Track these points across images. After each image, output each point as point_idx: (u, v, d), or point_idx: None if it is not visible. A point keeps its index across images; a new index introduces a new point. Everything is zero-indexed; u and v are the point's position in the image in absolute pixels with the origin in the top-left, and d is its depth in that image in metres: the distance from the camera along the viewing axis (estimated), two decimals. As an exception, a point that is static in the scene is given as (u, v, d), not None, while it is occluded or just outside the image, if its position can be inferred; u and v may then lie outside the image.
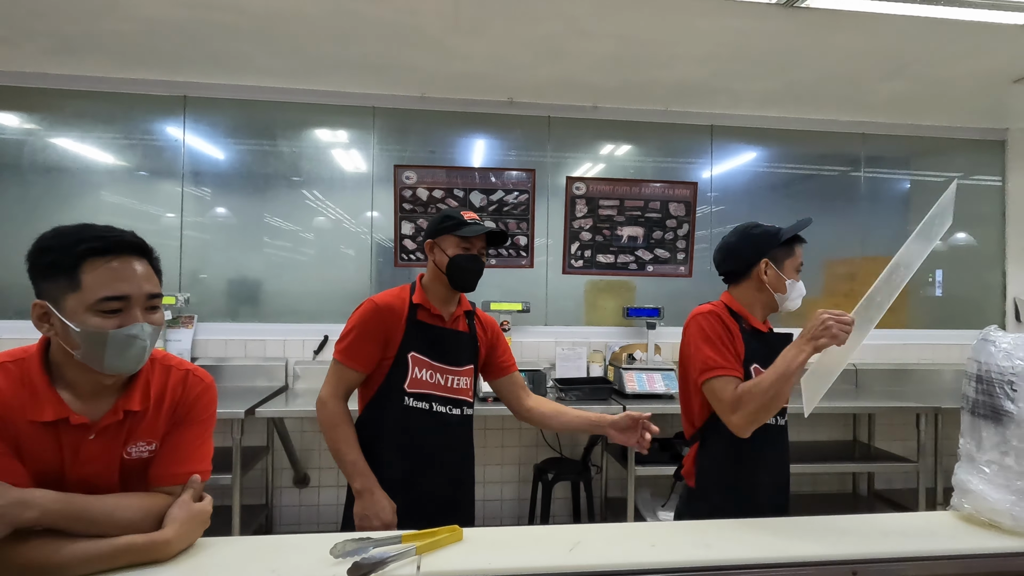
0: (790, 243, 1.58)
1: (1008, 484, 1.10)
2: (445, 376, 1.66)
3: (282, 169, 3.29)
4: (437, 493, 1.65)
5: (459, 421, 1.69)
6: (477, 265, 1.67)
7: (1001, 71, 2.90)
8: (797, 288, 1.57)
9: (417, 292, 1.67)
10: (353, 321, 1.60)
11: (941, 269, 3.85)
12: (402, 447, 1.61)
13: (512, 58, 2.82)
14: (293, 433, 3.16)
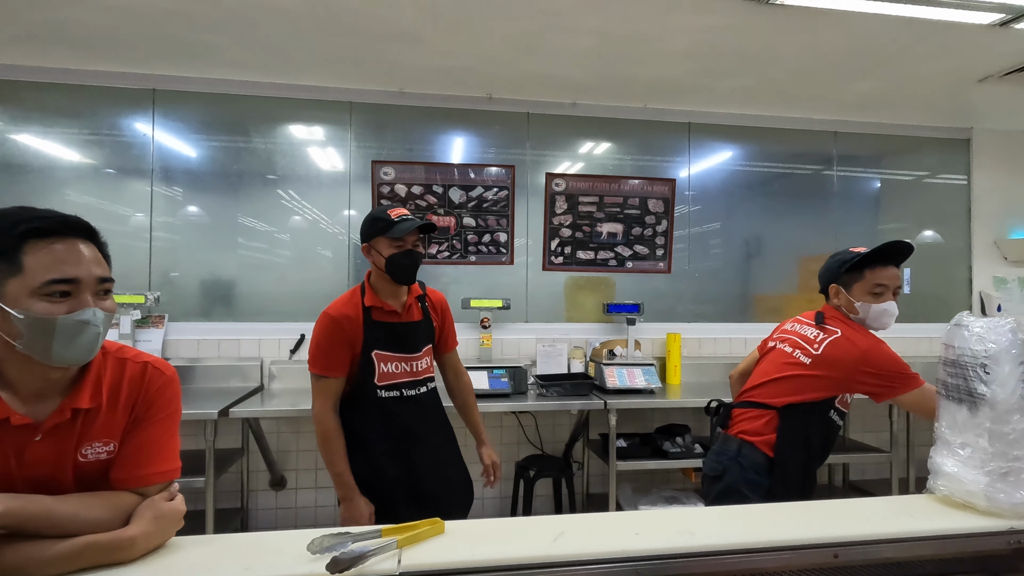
0: (859, 268, 1.74)
1: (982, 465, 1.12)
2: (409, 363, 1.88)
3: (256, 166, 3.22)
4: (426, 464, 1.87)
5: (427, 396, 1.94)
6: (412, 259, 1.82)
7: (966, 71, 2.99)
8: (872, 310, 1.73)
9: (368, 294, 1.84)
10: (316, 336, 1.79)
11: (909, 268, 3.95)
12: (384, 431, 1.82)
13: (491, 53, 2.81)
14: (269, 434, 3.09)
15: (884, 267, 1.73)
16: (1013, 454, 1.10)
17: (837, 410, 1.77)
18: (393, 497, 1.82)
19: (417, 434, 1.86)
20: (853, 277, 1.75)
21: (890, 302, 1.73)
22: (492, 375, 2.90)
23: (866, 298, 1.73)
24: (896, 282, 1.73)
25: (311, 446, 3.16)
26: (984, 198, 3.91)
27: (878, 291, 1.72)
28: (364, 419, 1.82)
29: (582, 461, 3.37)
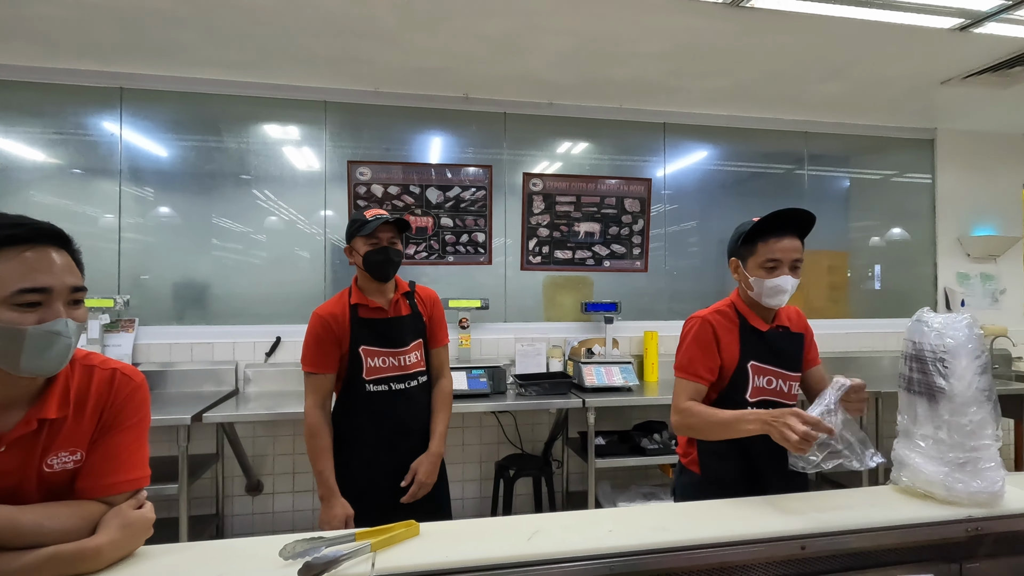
0: (752, 241, 1.54)
1: (941, 456, 1.17)
2: (397, 357, 1.92)
3: (229, 166, 3.17)
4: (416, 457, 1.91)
5: (417, 390, 1.97)
6: (386, 255, 1.87)
7: (929, 74, 3.08)
8: (765, 286, 1.51)
9: (354, 293, 1.92)
10: (307, 335, 1.87)
11: (879, 264, 4.06)
12: (373, 424, 1.88)
13: (468, 53, 2.81)
14: (245, 439, 3.05)
15: (778, 238, 1.51)
16: (970, 445, 1.14)
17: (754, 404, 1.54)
18: (382, 488, 1.88)
19: (407, 427, 1.92)
20: (748, 250, 1.56)
21: (783, 277, 1.49)
22: (471, 375, 2.90)
23: (759, 273, 1.52)
24: (793, 255, 1.50)
25: (288, 450, 3.12)
26: (948, 197, 4.03)
27: (771, 265, 1.50)
28: (355, 413, 1.90)
29: (562, 459, 3.39)
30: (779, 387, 1.57)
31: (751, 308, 1.60)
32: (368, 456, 1.89)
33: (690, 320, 1.60)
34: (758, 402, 1.54)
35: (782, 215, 1.50)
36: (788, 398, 1.57)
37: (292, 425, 3.11)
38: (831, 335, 3.79)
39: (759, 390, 1.55)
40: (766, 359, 1.56)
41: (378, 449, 1.89)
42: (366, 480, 1.88)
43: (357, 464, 1.89)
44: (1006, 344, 3.92)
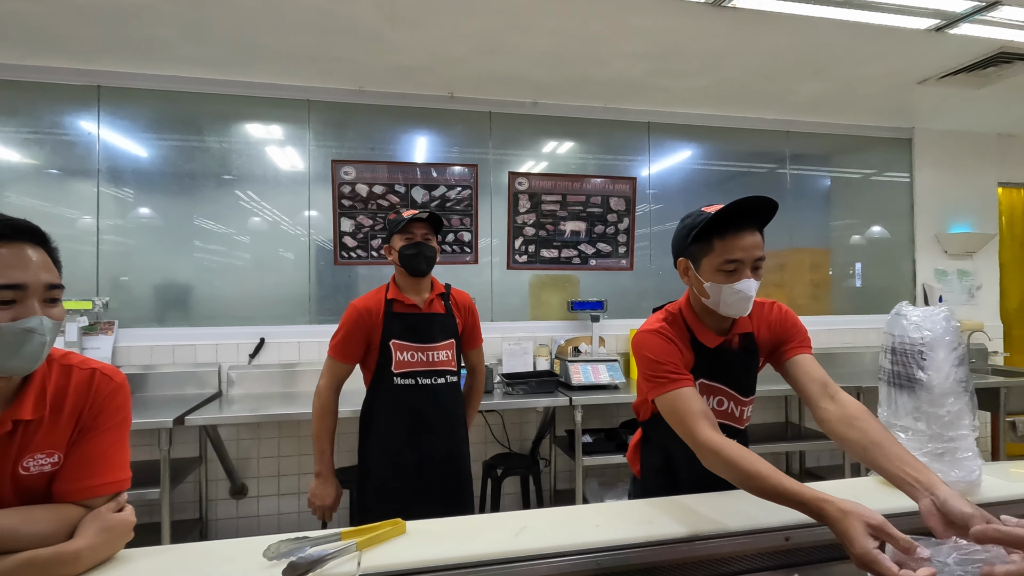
0: (707, 238, 1.23)
1: (921, 447, 1.19)
2: (426, 353, 1.97)
3: (211, 166, 3.12)
4: (437, 452, 1.96)
5: (444, 389, 2.00)
6: (419, 249, 1.94)
7: (906, 73, 3.14)
8: (724, 292, 1.21)
9: (391, 289, 1.99)
10: (341, 323, 1.94)
11: (860, 262, 4.13)
12: (398, 416, 1.94)
13: (451, 52, 2.80)
14: (229, 441, 3.01)
15: (737, 234, 1.20)
16: (948, 435, 1.16)
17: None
18: (403, 482, 1.93)
19: (429, 421, 1.96)
20: (702, 248, 1.24)
21: (745, 281, 1.19)
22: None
23: (716, 276, 1.22)
24: (755, 252, 1.20)
25: (272, 452, 3.09)
26: (926, 195, 4.11)
27: (730, 267, 1.20)
28: (383, 405, 1.96)
29: (549, 458, 3.39)
30: (730, 409, 1.37)
31: (701, 319, 1.32)
32: (392, 447, 1.94)
33: (642, 335, 1.30)
34: None
35: (743, 205, 1.19)
36: (739, 423, 1.39)
37: (277, 427, 3.07)
38: (813, 332, 3.80)
39: None
40: (717, 377, 1.34)
41: (402, 441, 1.94)
42: (390, 470, 1.94)
43: (381, 454, 1.96)
44: (982, 339, 4.01)
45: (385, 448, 1.94)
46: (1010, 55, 2.87)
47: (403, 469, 1.93)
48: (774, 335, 1.36)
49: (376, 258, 3.24)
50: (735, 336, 1.35)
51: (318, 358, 3.16)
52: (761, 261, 1.23)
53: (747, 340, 1.36)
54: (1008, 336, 4.25)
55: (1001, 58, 2.90)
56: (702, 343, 1.31)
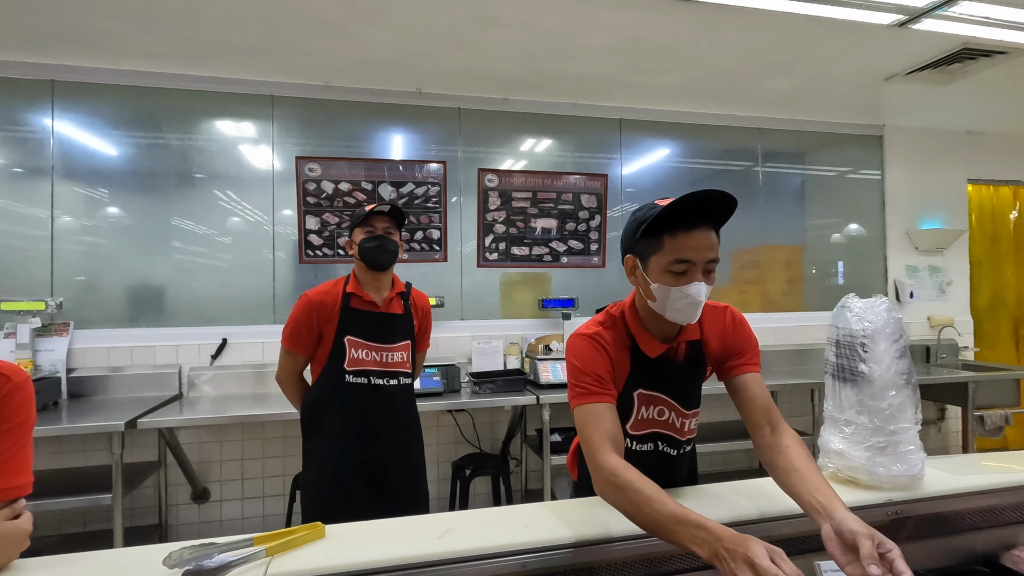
0: (657, 233, 1.10)
1: (863, 441, 1.16)
2: (381, 353, 1.91)
3: (171, 163, 3.05)
4: (388, 455, 1.90)
5: (397, 390, 1.95)
6: (380, 242, 1.88)
7: (873, 70, 3.14)
8: (671, 296, 1.10)
9: (351, 282, 1.92)
10: (292, 313, 1.89)
11: (833, 259, 4.14)
12: (348, 416, 1.87)
13: (416, 46, 2.76)
14: (190, 444, 2.93)
15: (689, 231, 1.07)
16: (889, 428, 1.14)
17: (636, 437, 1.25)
18: (350, 484, 1.87)
19: (381, 423, 1.91)
20: (650, 245, 1.12)
21: (696, 284, 1.08)
22: (424, 374, 2.85)
23: (663, 278, 1.10)
24: (707, 254, 1.08)
25: (236, 455, 3.02)
26: (897, 191, 4.13)
27: (680, 268, 1.08)
28: (331, 402, 1.89)
29: (520, 457, 3.35)
30: (671, 420, 1.25)
31: (645, 323, 1.21)
32: (340, 448, 1.88)
33: (575, 339, 1.20)
34: (643, 435, 1.25)
35: (698, 200, 1.05)
36: (680, 434, 1.27)
37: (240, 429, 3.01)
38: (786, 328, 3.84)
39: (645, 422, 1.24)
40: (658, 387, 1.23)
41: (351, 442, 1.88)
42: (338, 473, 1.87)
43: (328, 455, 1.89)
44: (952, 334, 4.04)
45: (332, 449, 1.88)
46: (974, 51, 2.88)
47: (351, 472, 1.86)
48: (725, 346, 1.25)
49: (343, 256, 3.19)
50: (681, 343, 1.23)
51: (283, 358, 3.10)
52: (714, 263, 1.11)
53: (694, 349, 1.24)
54: (978, 331, 4.29)
55: (965, 54, 2.91)
56: (643, 352, 1.20)
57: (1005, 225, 4.49)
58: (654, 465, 1.24)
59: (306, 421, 1.94)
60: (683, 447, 1.29)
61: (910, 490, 1.15)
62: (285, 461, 3.07)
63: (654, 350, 1.20)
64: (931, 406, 4.12)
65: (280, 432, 3.07)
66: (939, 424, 4.14)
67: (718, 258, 1.11)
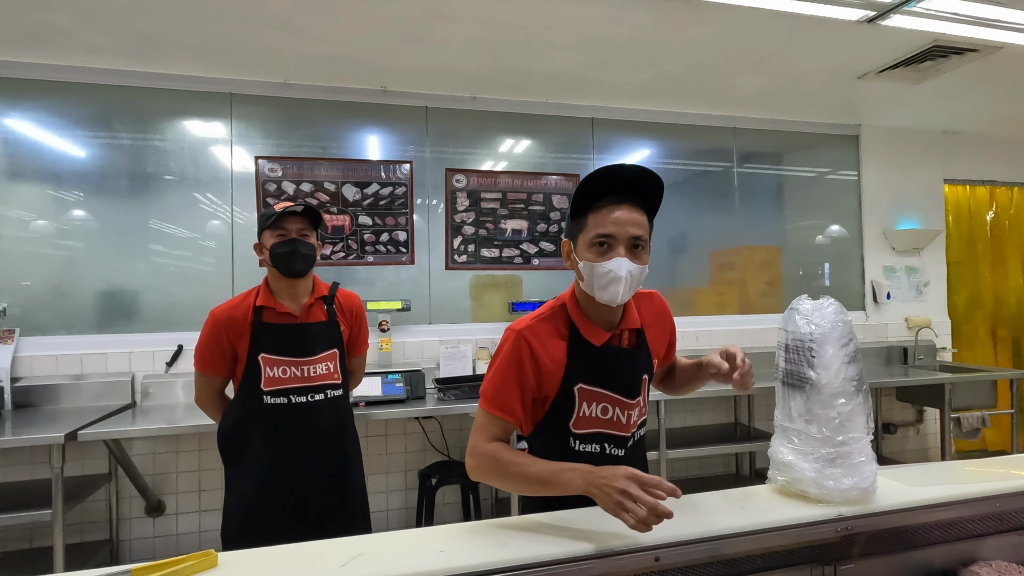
0: (582, 212, 1.13)
1: (812, 452, 1.09)
2: (301, 368, 1.75)
3: (122, 162, 2.94)
4: (316, 477, 1.74)
5: (325, 405, 1.79)
6: (293, 246, 1.71)
7: (845, 68, 3.10)
8: (596, 272, 1.09)
9: (262, 294, 1.75)
10: (201, 333, 1.75)
11: (812, 260, 4.09)
12: (268, 440, 1.72)
13: (376, 42, 2.67)
14: (144, 455, 2.82)
15: (612, 207, 1.09)
16: (838, 439, 1.07)
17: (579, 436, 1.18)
18: (275, 510, 1.72)
19: (306, 443, 1.75)
20: (578, 224, 1.14)
21: (616, 259, 1.08)
22: (386, 380, 2.76)
23: (587, 255, 1.11)
24: (631, 229, 1.09)
25: (193, 466, 2.90)
26: (873, 192, 4.10)
27: (600, 241, 1.09)
28: (249, 426, 1.74)
29: (490, 465, 3.26)
30: (616, 416, 1.20)
31: (585, 311, 1.18)
32: (260, 473, 1.74)
33: (506, 334, 1.17)
34: (587, 435, 1.18)
35: (617, 174, 1.09)
36: (625, 429, 1.21)
37: (198, 439, 2.90)
38: (763, 329, 3.79)
39: (588, 420, 1.18)
40: (600, 381, 1.17)
41: (272, 466, 1.73)
42: (259, 502, 1.72)
43: (248, 483, 1.74)
44: (930, 335, 4.01)
45: (253, 476, 1.73)
46: (945, 48, 2.84)
47: (274, 500, 1.71)
48: (662, 333, 1.28)
49: (305, 259, 3.08)
50: (624, 331, 1.21)
51: (242, 365, 2.99)
52: (641, 241, 1.11)
53: (638, 337, 1.23)
54: (956, 332, 4.26)
55: (936, 51, 2.88)
56: (586, 340, 1.17)
57: (982, 226, 4.48)
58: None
59: (224, 448, 1.79)
60: (630, 442, 1.24)
61: (862, 504, 1.08)
62: (244, 472, 2.96)
63: (598, 338, 1.18)
64: (909, 408, 4.08)
65: (239, 441, 2.96)
66: (917, 426, 4.10)
67: (644, 237, 1.12)
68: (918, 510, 1.10)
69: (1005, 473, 1.29)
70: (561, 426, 1.18)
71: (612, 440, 1.21)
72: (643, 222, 1.12)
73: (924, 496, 1.11)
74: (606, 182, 1.11)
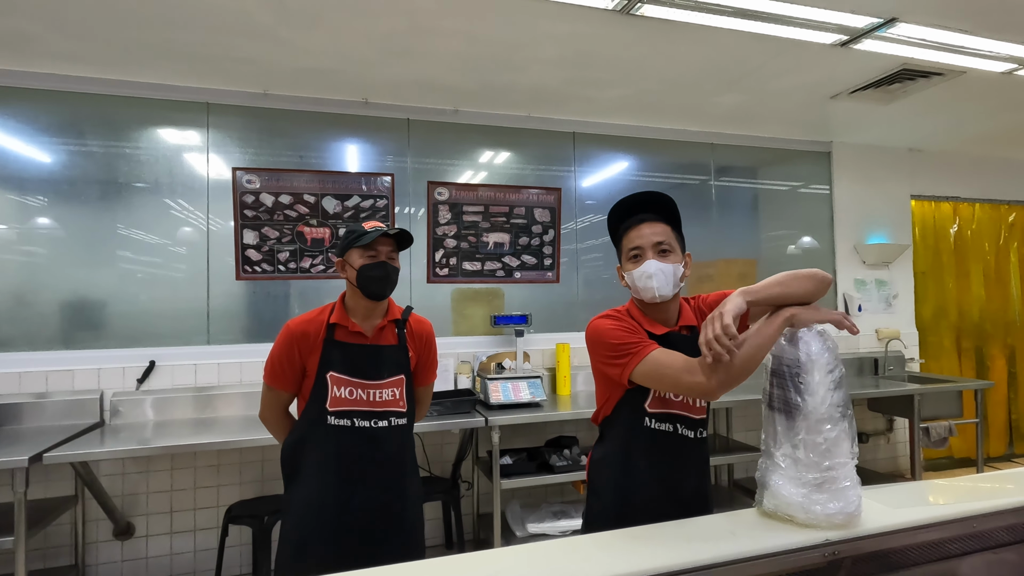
0: (619, 237, 1.46)
1: (799, 477, 1.11)
2: (367, 391, 1.68)
3: (93, 172, 2.85)
4: (369, 505, 1.66)
5: (387, 433, 1.70)
6: (383, 271, 1.67)
7: (819, 88, 3.19)
8: (634, 278, 1.38)
9: (336, 311, 1.70)
10: (274, 346, 1.69)
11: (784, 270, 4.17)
12: (327, 462, 1.65)
13: (359, 54, 2.65)
14: (113, 476, 2.72)
15: (636, 227, 1.40)
16: (825, 464, 1.09)
17: (654, 415, 1.38)
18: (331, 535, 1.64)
19: (364, 470, 1.66)
20: (620, 248, 1.47)
21: (647, 263, 1.36)
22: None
23: (628, 266, 1.42)
24: (652, 239, 1.37)
25: (164, 487, 2.81)
26: (844, 207, 4.22)
27: (634, 254, 1.39)
28: (311, 447, 1.67)
29: (472, 480, 3.24)
30: (684, 398, 1.39)
31: (646, 313, 1.42)
32: (316, 499, 1.64)
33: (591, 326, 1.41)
34: (661, 414, 1.37)
35: (632, 202, 1.43)
36: (695, 412, 1.40)
37: (169, 459, 2.81)
38: (740, 342, 3.84)
39: (663, 401, 1.37)
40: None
41: (329, 493, 1.64)
42: (312, 527, 1.63)
43: (303, 505, 1.65)
44: (899, 346, 4.13)
45: (308, 499, 1.65)
46: (913, 72, 2.95)
47: (325, 526, 1.63)
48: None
49: (284, 272, 3.03)
50: (682, 329, 1.43)
51: (217, 381, 2.92)
52: (664, 244, 1.37)
53: (694, 333, 1.41)
54: (923, 342, 4.40)
55: (904, 75, 2.98)
56: (652, 333, 1.37)
57: (946, 240, 4.64)
58: (670, 449, 1.38)
59: (286, 465, 1.71)
60: (699, 429, 1.42)
61: (847, 528, 1.10)
62: (219, 491, 2.88)
63: (660, 331, 1.39)
64: (880, 418, 4.19)
65: (214, 460, 2.88)
66: (887, 435, 4.21)
67: (668, 241, 1.38)
68: (901, 532, 1.12)
69: (973, 487, 1.34)
70: (639, 405, 1.37)
71: (684, 422, 1.39)
72: (664, 231, 1.39)
73: (906, 519, 1.14)
74: (628, 209, 1.43)
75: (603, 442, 1.46)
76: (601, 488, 1.42)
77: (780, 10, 2.32)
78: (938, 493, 1.37)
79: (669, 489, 1.37)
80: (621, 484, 1.38)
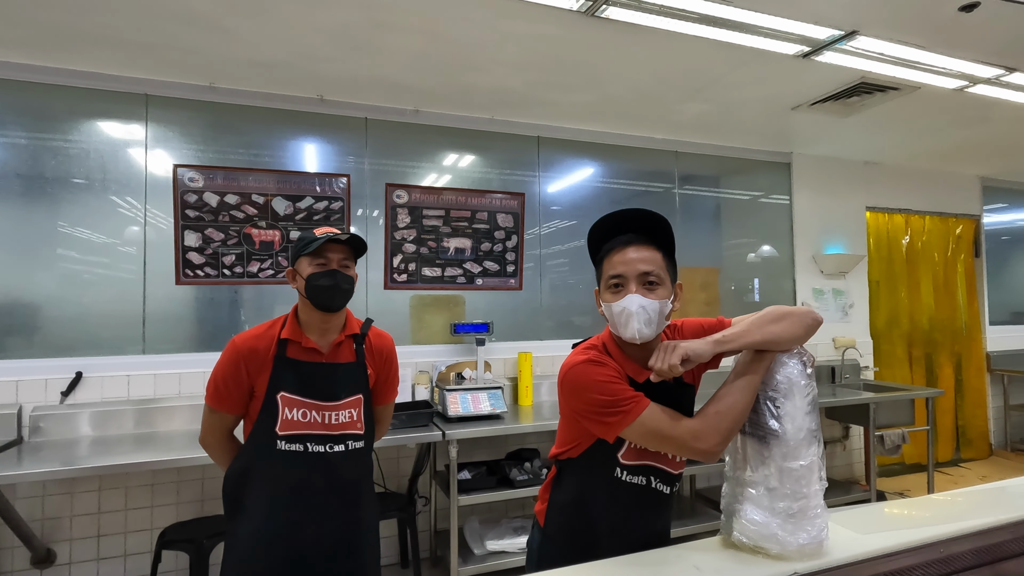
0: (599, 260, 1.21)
1: (772, 506, 1.04)
2: (322, 413, 1.53)
3: (13, 165, 2.61)
4: (326, 539, 1.52)
5: (343, 457, 1.55)
6: (333, 279, 1.52)
7: (780, 99, 3.21)
8: (612, 311, 1.13)
9: (288, 325, 1.55)
10: (217, 364, 1.54)
11: (748, 280, 4.22)
12: (277, 492, 1.50)
13: (312, 48, 2.51)
14: (33, 498, 2.49)
15: (620, 249, 1.15)
16: (801, 492, 1.02)
17: (627, 467, 1.17)
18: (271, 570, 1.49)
19: (319, 500, 1.51)
20: (599, 272, 1.21)
21: (628, 296, 1.11)
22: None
23: (606, 296, 1.16)
24: (639, 267, 1.12)
25: (91, 509, 2.59)
26: (803, 217, 4.28)
27: (614, 283, 1.14)
28: (259, 473, 1.51)
29: (429, 495, 3.11)
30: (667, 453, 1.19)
31: (624, 350, 1.18)
32: (264, 533, 1.48)
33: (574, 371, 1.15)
34: (636, 467, 1.18)
35: (619, 219, 1.17)
36: (673, 466, 1.21)
37: (98, 479, 2.58)
38: (703, 351, 3.83)
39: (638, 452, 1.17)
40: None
41: (278, 525, 1.49)
42: (260, 561, 1.48)
43: (249, 540, 1.49)
44: (855, 355, 4.20)
45: (255, 533, 1.49)
46: (871, 86, 2.99)
47: (275, 562, 1.48)
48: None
49: (228, 277, 2.84)
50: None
51: (153, 394, 2.71)
52: (652, 276, 1.13)
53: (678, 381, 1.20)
54: (877, 351, 4.50)
55: (863, 88, 3.02)
56: (630, 378, 1.15)
57: (899, 250, 4.77)
58: (643, 503, 1.20)
59: (229, 497, 1.54)
60: (675, 483, 1.24)
61: (816, 558, 1.04)
62: (153, 512, 2.67)
63: (640, 375, 1.16)
64: (836, 425, 4.25)
65: (148, 480, 2.67)
66: (843, 443, 4.28)
67: (656, 272, 1.13)
68: (869, 561, 1.07)
69: (934, 506, 1.31)
70: (611, 455, 1.16)
71: (660, 476, 1.20)
72: (654, 258, 1.14)
73: (874, 547, 1.09)
74: (615, 225, 1.18)
75: (561, 486, 1.25)
76: (555, 534, 1.24)
77: (745, 18, 2.30)
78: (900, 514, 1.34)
79: (632, 537, 1.19)
80: (579, 531, 1.20)
